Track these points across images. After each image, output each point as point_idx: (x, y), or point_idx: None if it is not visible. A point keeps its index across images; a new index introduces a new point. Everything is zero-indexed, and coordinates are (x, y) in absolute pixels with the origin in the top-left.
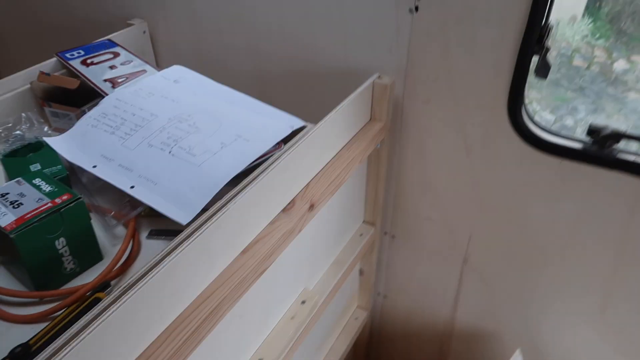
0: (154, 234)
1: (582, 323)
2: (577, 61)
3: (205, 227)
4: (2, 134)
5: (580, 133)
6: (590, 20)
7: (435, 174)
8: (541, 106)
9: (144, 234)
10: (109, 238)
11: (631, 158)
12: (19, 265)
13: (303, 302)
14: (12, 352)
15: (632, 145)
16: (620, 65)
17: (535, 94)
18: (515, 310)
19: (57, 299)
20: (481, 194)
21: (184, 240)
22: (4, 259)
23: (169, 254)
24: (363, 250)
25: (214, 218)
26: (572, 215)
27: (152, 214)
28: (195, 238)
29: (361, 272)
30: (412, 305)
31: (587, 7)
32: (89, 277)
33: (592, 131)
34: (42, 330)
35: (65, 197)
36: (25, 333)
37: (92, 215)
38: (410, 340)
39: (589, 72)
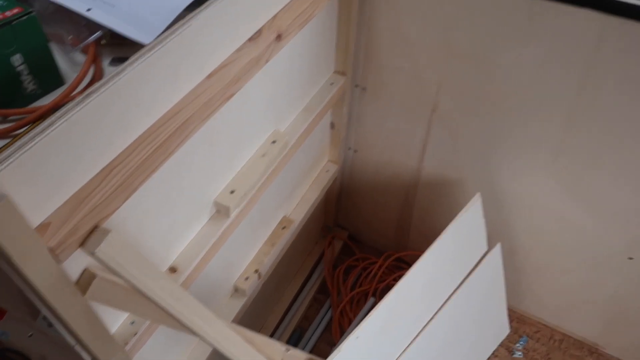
0: (116, 61)
1: (538, 165)
2: None
3: (168, 40)
4: None
5: None
6: None
7: (407, 19)
8: None
9: (106, 62)
10: (69, 64)
11: None
12: None
13: (274, 142)
14: None
15: None
16: None
17: None
18: (477, 157)
19: (20, 117)
20: (451, 40)
21: (147, 52)
22: None
23: (131, 63)
24: (333, 99)
25: (177, 33)
26: (537, 58)
27: (113, 42)
28: (157, 50)
29: (332, 126)
30: (381, 159)
31: None
32: (51, 99)
33: None
34: (6, 144)
35: (15, 11)
36: None
37: (49, 43)
38: (378, 191)
39: None
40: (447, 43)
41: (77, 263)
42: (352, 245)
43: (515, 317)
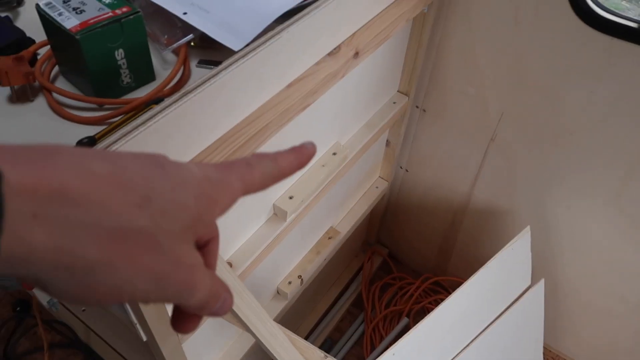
0: (203, 63)
1: (595, 204)
2: None
3: (260, 49)
4: None
5: (639, 15)
6: None
7: (479, 45)
8: None
9: (194, 63)
10: (161, 62)
11: None
12: (80, 73)
13: (334, 154)
14: (80, 142)
15: None
16: None
17: None
18: (531, 189)
19: (115, 107)
20: (522, 71)
21: (240, 58)
22: (65, 68)
23: (225, 67)
24: (394, 118)
25: (268, 43)
26: (609, 97)
27: (202, 45)
28: (250, 57)
29: (387, 143)
30: (431, 181)
31: None
32: (142, 93)
33: None
34: (102, 130)
35: (125, 9)
36: (85, 133)
37: None
38: (425, 213)
39: None
40: (516, 72)
41: None
42: (391, 263)
43: (551, 356)
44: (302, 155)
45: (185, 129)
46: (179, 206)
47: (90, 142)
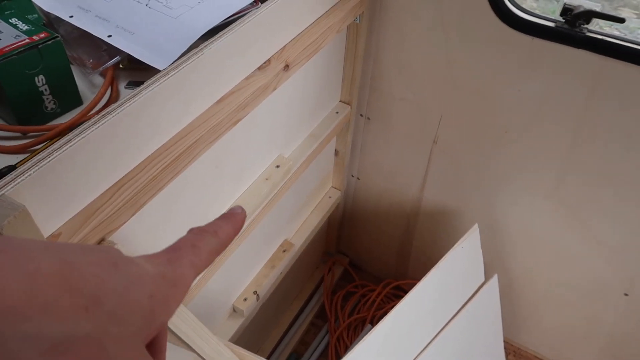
0: (132, 84)
1: (536, 198)
2: None
3: (181, 67)
4: None
5: (555, 14)
6: None
7: (412, 53)
8: None
9: (122, 85)
10: (88, 86)
11: (599, 36)
12: (1, 102)
13: (277, 167)
14: None
15: (602, 25)
16: None
17: None
18: (477, 188)
19: (39, 134)
20: (455, 74)
21: (161, 77)
22: None
23: (146, 87)
24: (338, 127)
25: (190, 60)
26: (537, 95)
27: (130, 67)
28: (171, 76)
29: (336, 153)
30: (383, 187)
31: None
32: (69, 118)
33: (566, 10)
34: (24, 158)
35: (42, 35)
36: (8, 162)
37: (71, 66)
38: (380, 219)
39: None
40: (449, 76)
41: None
42: (352, 271)
43: (512, 351)
44: (236, 222)
45: (108, 150)
46: (131, 308)
47: (10, 169)
